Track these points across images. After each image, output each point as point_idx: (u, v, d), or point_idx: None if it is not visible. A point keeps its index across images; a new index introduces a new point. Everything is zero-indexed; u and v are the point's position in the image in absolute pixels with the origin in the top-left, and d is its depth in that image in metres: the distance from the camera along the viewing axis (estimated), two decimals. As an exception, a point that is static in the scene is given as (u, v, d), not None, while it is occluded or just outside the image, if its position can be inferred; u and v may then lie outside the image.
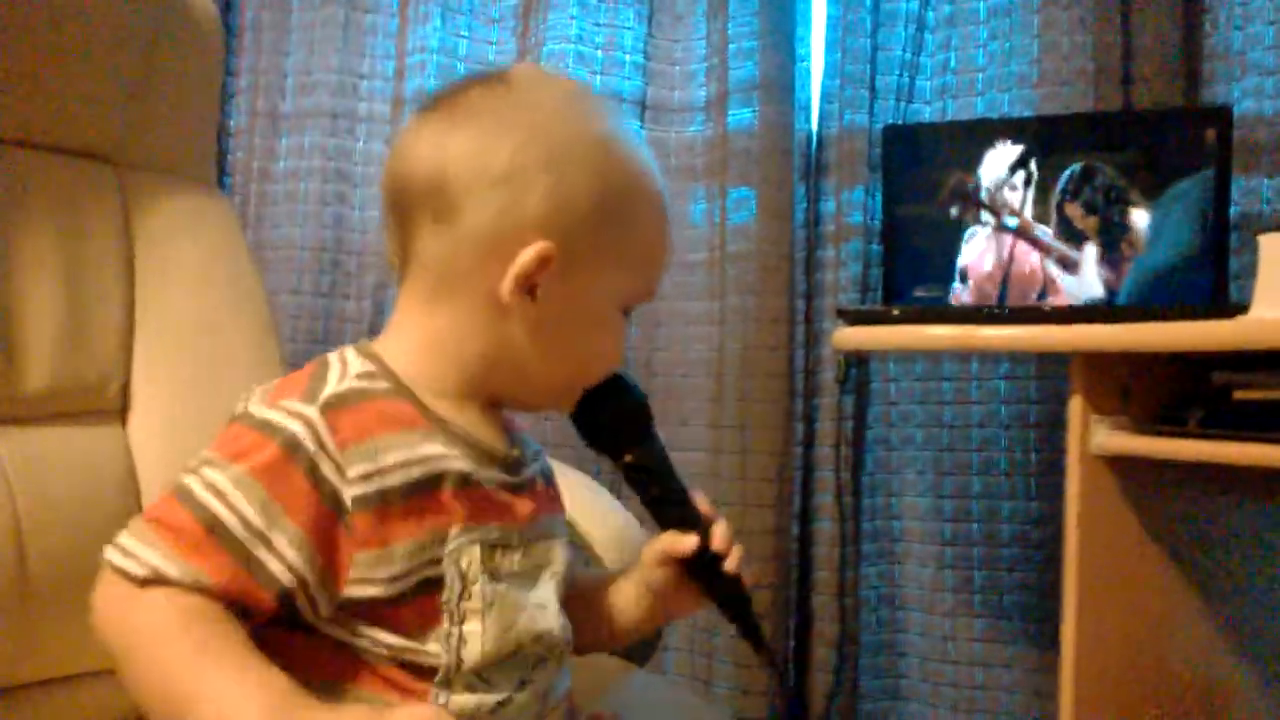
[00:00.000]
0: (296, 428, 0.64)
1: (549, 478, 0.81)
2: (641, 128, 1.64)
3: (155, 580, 0.61)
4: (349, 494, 0.64)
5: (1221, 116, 1.32)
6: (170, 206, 1.09)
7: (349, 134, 1.65)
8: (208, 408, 1.06)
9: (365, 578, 0.65)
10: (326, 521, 0.64)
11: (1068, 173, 1.36)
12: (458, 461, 0.69)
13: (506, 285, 0.69)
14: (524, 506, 0.74)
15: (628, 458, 0.78)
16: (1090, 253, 1.36)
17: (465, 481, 0.69)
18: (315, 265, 1.64)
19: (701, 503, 0.80)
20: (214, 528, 0.62)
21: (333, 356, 0.71)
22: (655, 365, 1.64)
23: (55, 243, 1.00)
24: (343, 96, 1.64)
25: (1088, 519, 1.15)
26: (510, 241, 0.69)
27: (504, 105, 0.71)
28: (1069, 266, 1.36)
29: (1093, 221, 1.35)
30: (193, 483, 0.63)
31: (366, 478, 0.64)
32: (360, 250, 1.65)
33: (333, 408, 0.66)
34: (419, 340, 0.72)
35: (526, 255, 0.68)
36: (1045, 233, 1.37)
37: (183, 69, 1.13)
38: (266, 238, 1.65)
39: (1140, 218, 1.34)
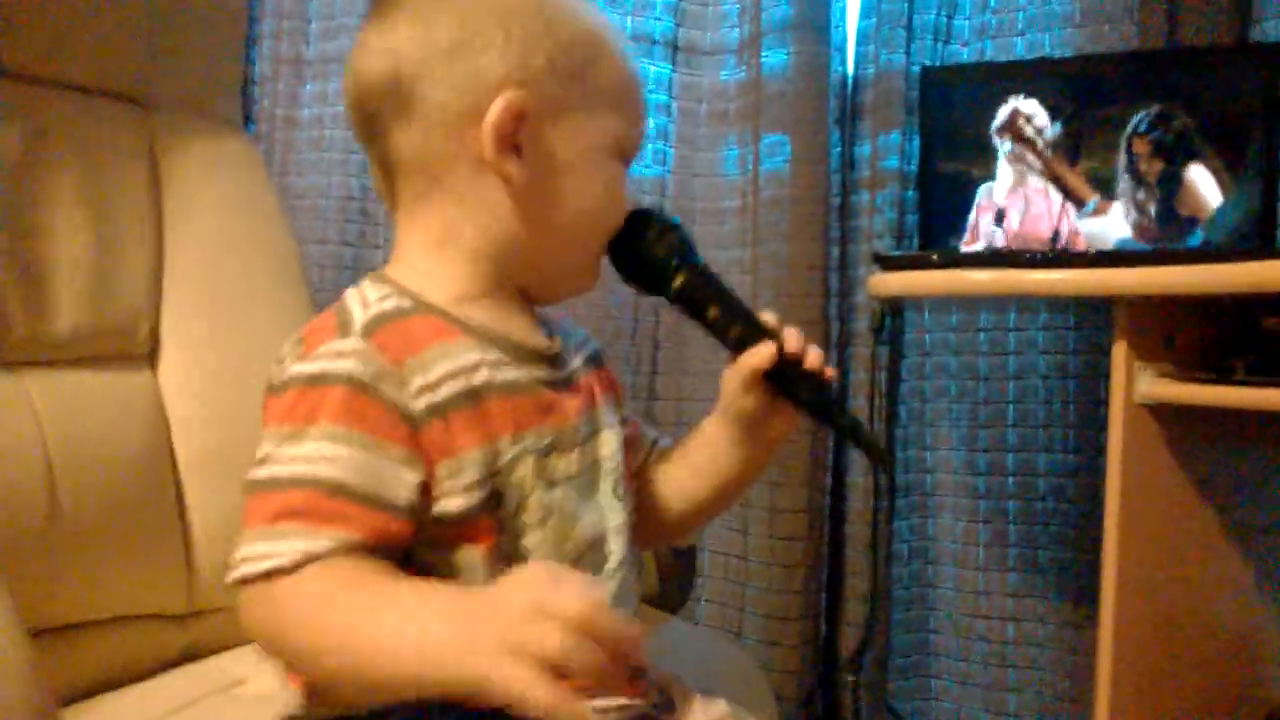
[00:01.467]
0: (348, 365, 0.63)
1: (598, 361, 0.80)
2: (673, 71, 1.60)
3: (306, 563, 0.59)
4: (417, 405, 0.64)
5: (1271, 55, 1.28)
6: (197, 147, 1.08)
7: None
8: (237, 350, 1.06)
9: (448, 490, 0.64)
10: (413, 435, 0.64)
11: (1144, 113, 1.32)
12: (498, 369, 0.68)
13: (487, 147, 0.68)
14: (572, 403, 0.73)
15: (676, 284, 0.75)
16: (1120, 202, 1.33)
17: (508, 388, 0.68)
18: (342, 214, 1.62)
19: (766, 315, 0.77)
20: (334, 489, 0.61)
21: (350, 292, 0.70)
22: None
23: (82, 183, 0.99)
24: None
25: (1130, 469, 1.13)
26: (479, 107, 0.68)
27: None
28: (1095, 212, 1.33)
29: (1157, 166, 1.32)
30: (276, 470, 0.62)
31: (426, 389, 0.64)
32: None
33: (373, 332, 0.65)
34: (425, 250, 0.71)
35: (496, 109, 0.67)
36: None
37: (207, 8, 1.11)
38: (293, 186, 1.63)
39: (1199, 173, 1.30)
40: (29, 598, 0.87)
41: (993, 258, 1.28)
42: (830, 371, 0.77)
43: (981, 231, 1.38)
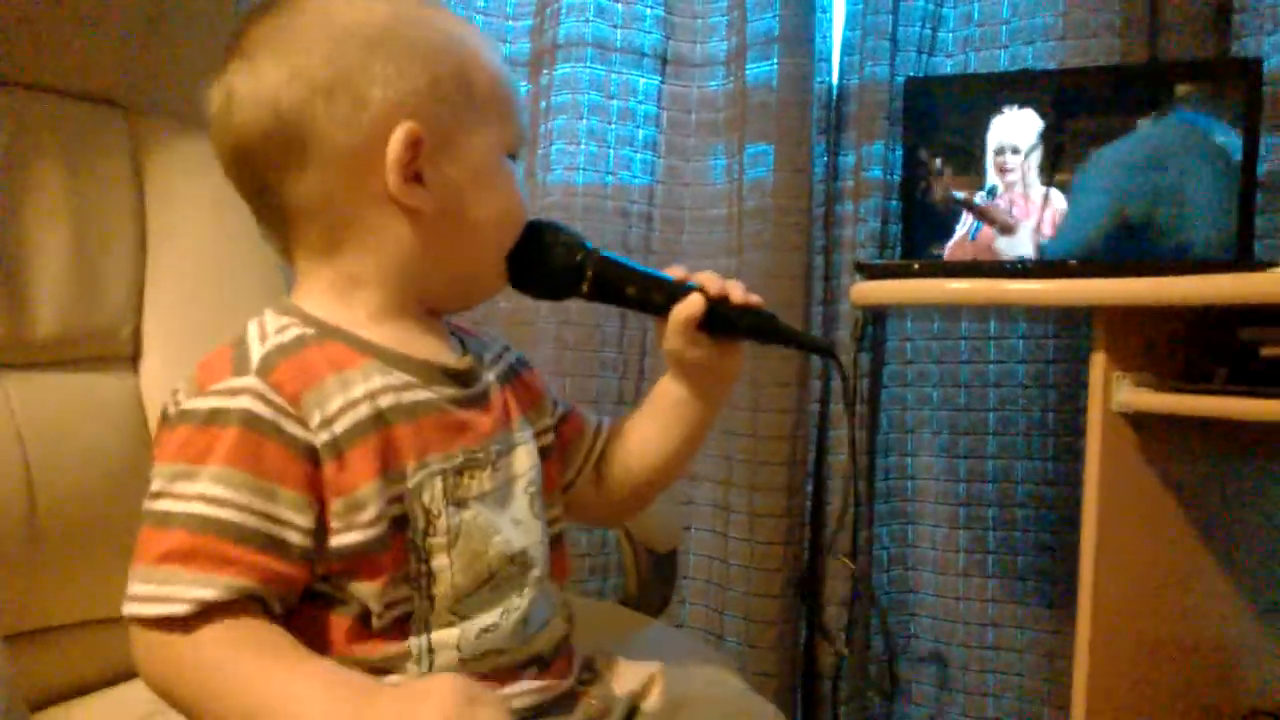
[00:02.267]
0: (244, 402, 0.63)
1: (517, 369, 0.80)
2: (662, 82, 1.61)
3: (200, 612, 0.59)
4: (319, 439, 0.63)
5: (1251, 70, 1.29)
6: (180, 151, 1.07)
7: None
8: (219, 354, 1.05)
9: (343, 525, 0.64)
10: (311, 475, 0.63)
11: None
12: (404, 392, 0.68)
13: (392, 182, 0.67)
14: (485, 422, 0.72)
15: (588, 276, 0.77)
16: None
17: (414, 410, 0.68)
18: None
19: (675, 270, 0.79)
20: (224, 531, 0.60)
21: (250, 324, 0.69)
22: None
23: (65, 187, 0.99)
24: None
25: (1108, 478, 1.14)
26: (375, 141, 0.67)
27: (291, 23, 0.68)
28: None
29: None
30: (168, 505, 0.61)
31: (324, 423, 0.64)
32: None
33: (270, 369, 0.64)
34: (331, 284, 0.70)
35: (395, 142, 0.67)
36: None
37: (193, 11, 1.10)
38: None
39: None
40: (5, 601, 0.86)
41: (973, 267, 1.29)
42: (755, 297, 0.79)
43: (970, 238, 1.39)
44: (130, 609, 0.61)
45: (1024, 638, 1.56)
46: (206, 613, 0.59)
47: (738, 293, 0.79)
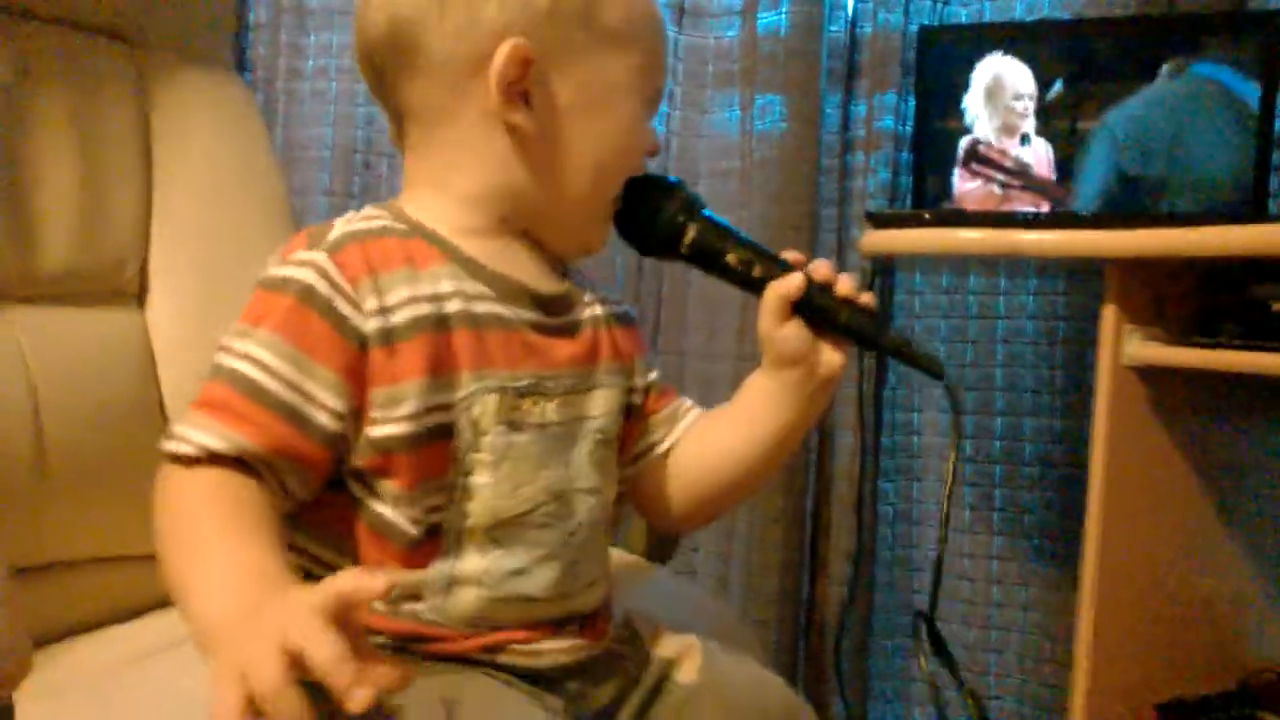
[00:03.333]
0: (306, 274, 0.64)
1: (623, 321, 0.78)
2: (679, 33, 1.59)
3: (203, 457, 0.60)
4: (367, 326, 0.64)
5: (1270, 22, 1.27)
6: (187, 87, 1.07)
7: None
8: (225, 291, 1.05)
9: (382, 416, 0.64)
10: (354, 359, 0.63)
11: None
12: (477, 302, 0.67)
13: (494, 98, 0.67)
14: (563, 350, 0.71)
15: (688, 238, 0.74)
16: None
17: (482, 322, 0.67)
18: (346, 165, 1.62)
19: (788, 253, 0.75)
20: (253, 392, 0.61)
21: (349, 212, 0.70)
22: (691, 275, 1.61)
23: (71, 121, 0.98)
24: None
25: (1116, 432, 1.13)
26: (482, 56, 0.67)
27: None
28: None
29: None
30: (225, 358, 0.63)
31: (380, 311, 0.64)
32: (392, 152, 1.62)
33: (339, 248, 0.65)
34: (430, 188, 0.71)
35: (500, 55, 0.66)
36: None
37: (200, -54, 1.10)
38: (296, 136, 1.62)
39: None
40: (12, 535, 0.87)
41: (985, 217, 1.28)
42: (867, 295, 0.74)
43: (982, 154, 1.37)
44: (163, 443, 0.62)
45: (1027, 594, 1.57)
46: (208, 461, 0.60)
47: (846, 285, 0.74)
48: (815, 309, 0.73)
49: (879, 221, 1.26)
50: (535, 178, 0.70)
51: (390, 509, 0.65)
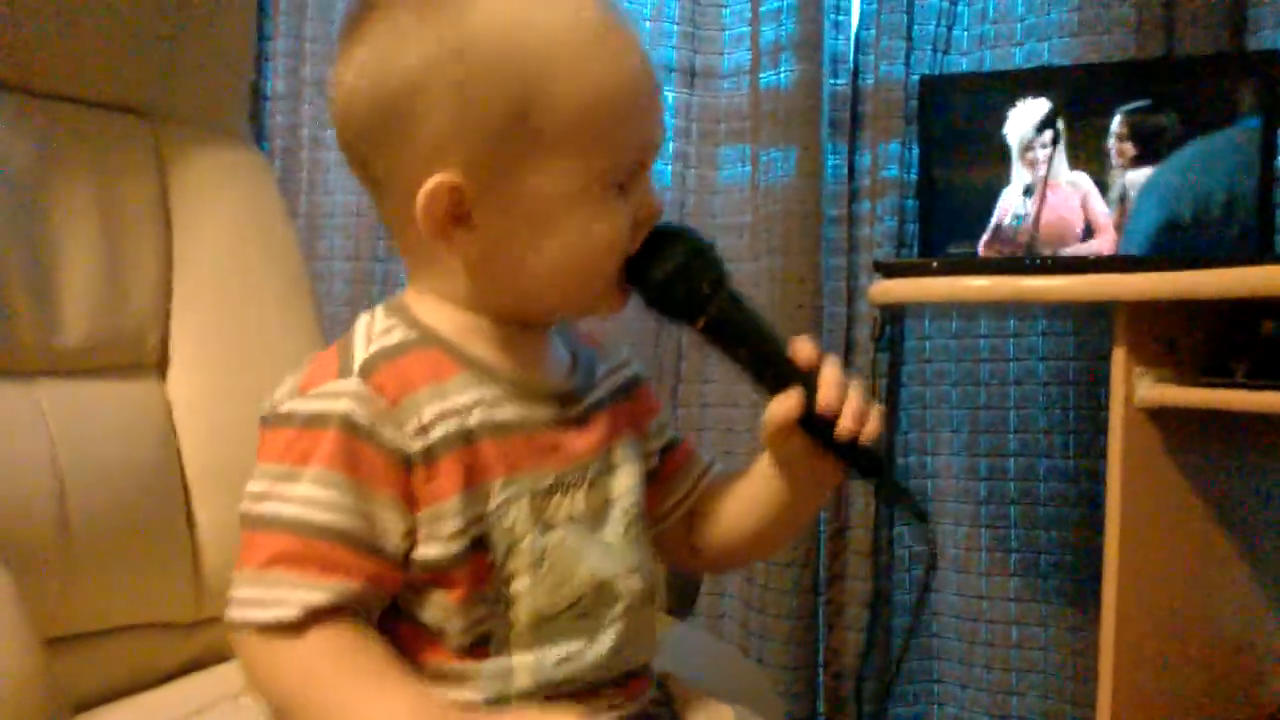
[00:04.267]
0: (345, 405, 0.62)
1: (633, 386, 0.76)
2: (691, 95, 1.63)
3: (310, 617, 0.59)
4: (413, 447, 0.62)
5: (1268, 62, 1.29)
6: (205, 159, 1.09)
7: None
8: (245, 361, 1.06)
9: (428, 535, 0.63)
10: (405, 481, 0.62)
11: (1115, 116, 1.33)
12: (496, 407, 0.66)
13: (424, 230, 0.63)
14: (581, 442, 0.69)
15: (701, 321, 0.69)
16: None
17: (505, 428, 0.65)
18: (372, 231, 1.65)
19: (802, 351, 0.69)
20: (328, 534, 0.60)
21: (360, 321, 0.68)
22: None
23: (91, 196, 1.00)
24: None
25: (1130, 473, 1.14)
26: (415, 182, 0.63)
27: (385, 23, 0.63)
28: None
29: (1129, 150, 1.32)
30: (273, 506, 0.61)
31: (418, 432, 0.63)
32: None
33: (372, 372, 0.63)
34: (430, 294, 0.69)
35: (422, 197, 0.62)
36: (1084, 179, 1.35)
37: (215, 20, 1.12)
38: (321, 204, 1.66)
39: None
40: (39, 606, 0.87)
41: (992, 264, 1.29)
42: (873, 424, 0.69)
43: (1003, 233, 1.38)
44: (238, 613, 0.60)
45: (1047, 635, 1.56)
46: (313, 618, 0.59)
47: (852, 411, 0.68)
48: (815, 431, 0.69)
49: (887, 271, 1.27)
50: (503, 289, 0.67)
51: (441, 618, 0.64)
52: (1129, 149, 1.33)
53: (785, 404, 0.68)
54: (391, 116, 0.63)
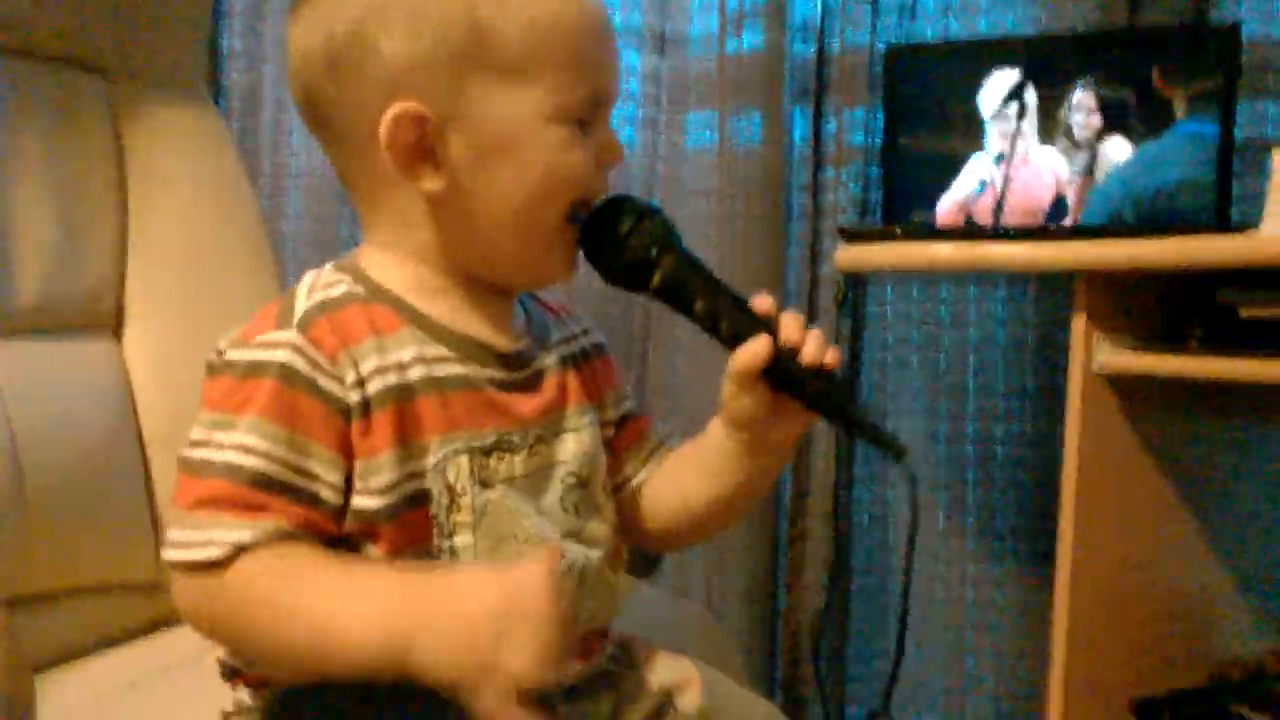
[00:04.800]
0: (283, 355, 0.62)
1: (591, 354, 0.76)
2: (661, 60, 1.61)
3: (236, 556, 0.59)
4: (350, 400, 0.63)
5: (1229, 36, 1.30)
6: (161, 117, 1.07)
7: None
8: (201, 321, 1.05)
9: (362, 487, 0.63)
10: (343, 433, 0.63)
11: (1077, 87, 1.34)
12: (438, 365, 0.66)
13: (390, 164, 0.64)
14: (527, 405, 0.69)
15: (655, 279, 0.68)
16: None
17: (445, 385, 0.66)
18: (337, 193, 1.62)
19: (760, 302, 0.69)
20: (258, 480, 0.60)
21: (307, 276, 0.68)
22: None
23: (46, 153, 0.99)
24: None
25: (1088, 438, 1.15)
26: (374, 121, 0.64)
27: None
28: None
29: (1095, 122, 1.33)
30: (208, 453, 0.61)
31: (356, 384, 0.63)
32: None
33: (310, 324, 0.63)
34: (384, 250, 0.69)
35: (386, 123, 0.63)
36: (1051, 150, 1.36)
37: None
38: (285, 165, 1.63)
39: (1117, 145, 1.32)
40: (-2, 567, 0.87)
41: (956, 231, 1.30)
42: (832, 357, 0.68)
43: (966, 201, 1.39)
44: (169, 554, 0.61)
45: (1003, 595, 1.59)
46: (243, 554, 0.59)
47: (813, 348, 0.67)
48: (781, 376, 0.68)
49: (852, 237, 1.28)
50: (464, 232, 0.67)
51: None
52: (1095, 121, 1.34)
53: (751, 348, 0.67)
54: (344, 56, 0.64)
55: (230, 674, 0.69)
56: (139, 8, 1.06)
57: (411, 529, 0.64)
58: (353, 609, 0.58)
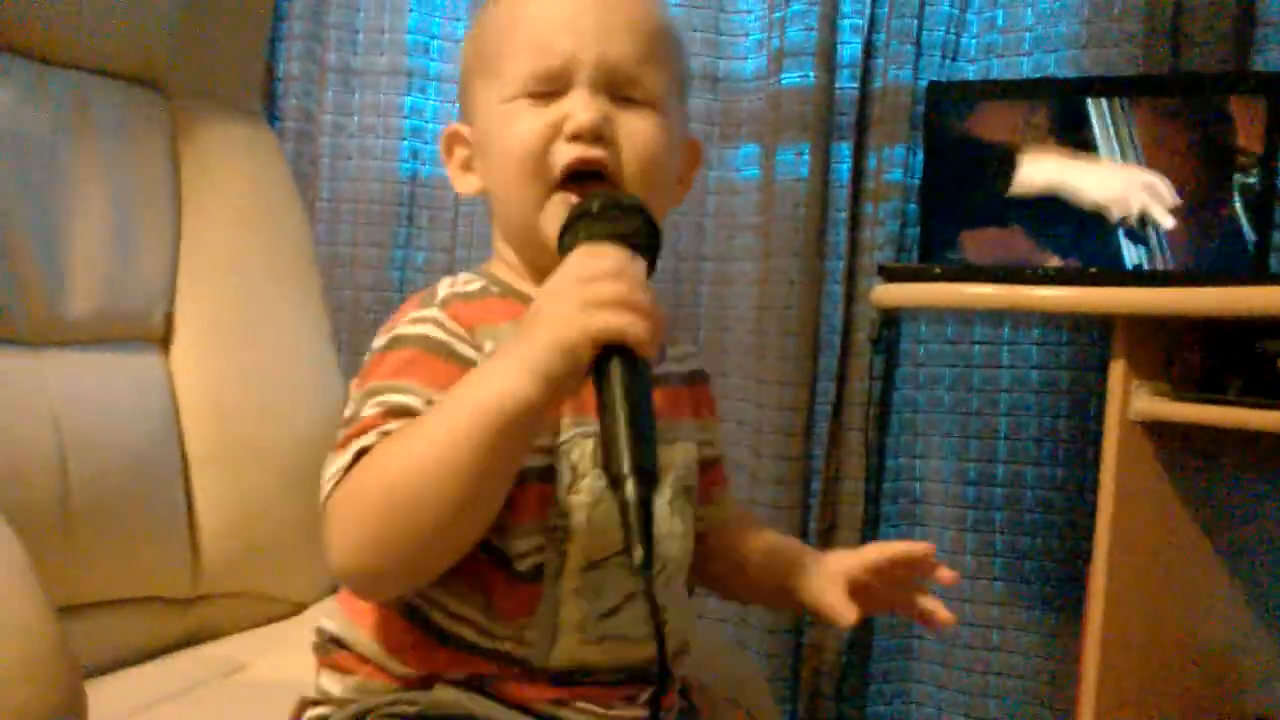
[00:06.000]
0: (424, 329, 0.68)
1: (693, 379, 0.80)
2: (716, 99, 1.63)
3: (359, 457, 0.63)
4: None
5: (1272, 82, 1.30)
6: (217, 135, 1.09)
7: (422, 92, 1.65)
8: (249, 338, 1.07)
9: None
10: None
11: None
12: None
13: (451, 178, 0.77)
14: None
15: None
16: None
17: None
18: (391, 219, 1.64)
19: None
20: (398, 410, 0.64)
21: (444, 280, 0.73)
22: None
23: (104, 168, 1.00)
24: (417, 55, 1.64)
25: (1123, 484, 1.15)
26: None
27: None
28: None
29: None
30: (358, 410, 0.65)
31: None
32: (432, 205, 1.66)
33: (450, 304, 0.69)
34: (496, 250, 0.76)
35: (441, 148, 0.77)
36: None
37: (231, -1, 1.12)
38: (343, 190, 1.65)
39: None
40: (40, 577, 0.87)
41: (995, 272, 1.30)
42: None
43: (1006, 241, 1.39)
44: (325, 491, 0.64)
45: (1028, 639, 1.57)
46: (363, 454, 0.63)
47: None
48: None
49: (891, 275, 1.28)
50: (503, 224, 0.75)
51: (503, 541, 0.67)
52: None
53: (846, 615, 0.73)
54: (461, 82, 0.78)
55: (324, 646, 0.72)
56: (198, 27, 1.08)
57: (531, 502, 0.67)
58: (468, 391, 0.60)
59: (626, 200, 0.66)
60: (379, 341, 0.69)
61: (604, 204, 0.65)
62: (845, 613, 0.73)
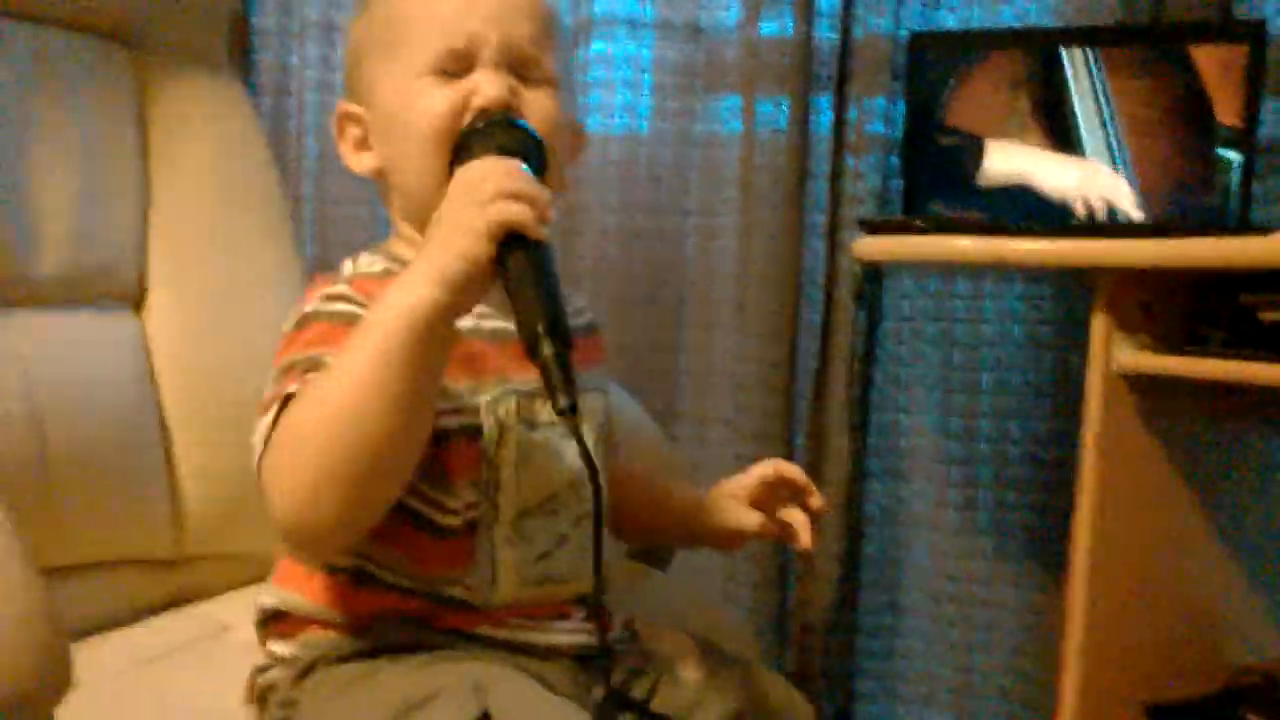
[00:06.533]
0: (334, 305, 0.70)
1: (589, 331, 0.84)
2: (699, 50, 1.60)
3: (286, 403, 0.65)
4: None
5: (1254, 32, 1.29)
6: (185, 90, 1.07)
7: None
8: (222, 294, 1.06)
9: None
10: None
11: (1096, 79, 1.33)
12: (485, 320, 0.73)
13: (343, 155, 0.79)
14: None
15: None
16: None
17: (497, 336, 0.73)
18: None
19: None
20: (313, 368, 0.66)
21: (345, 262, 0.77)
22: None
23: (70, 124, 0.99)
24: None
25: (1106, 438, 1.15)
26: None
27: None
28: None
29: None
30: (278, 388, 0.67)
31: None
32: None
33: (356, 281, 0.72)
34: (394, 228, 0.80)
35: (333, 134, 0.79)
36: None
37: (200, -50, 1.09)
38: (327, 149, 1.62)
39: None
40: (19, 539, 0.87)
41: (977, 225, 1.29)
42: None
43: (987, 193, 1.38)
44: (256, 436, 0.66)
45: (1014, 594, 1.58)
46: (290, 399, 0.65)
47: None
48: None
49: (872, 228, 1.27)
50: (403, 199, 0.77)
51: (428, 505, 0.70)
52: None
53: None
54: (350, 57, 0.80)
55: (266, 621, 0.75)
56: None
57: (461, 460, 0.70)
58: (378, 314, 0.62)
59: (511, 118, 0.71)
60: (289, 323, 0.71)
61: (489, 121, 0.70)
62: (746, 519, 0.80)
